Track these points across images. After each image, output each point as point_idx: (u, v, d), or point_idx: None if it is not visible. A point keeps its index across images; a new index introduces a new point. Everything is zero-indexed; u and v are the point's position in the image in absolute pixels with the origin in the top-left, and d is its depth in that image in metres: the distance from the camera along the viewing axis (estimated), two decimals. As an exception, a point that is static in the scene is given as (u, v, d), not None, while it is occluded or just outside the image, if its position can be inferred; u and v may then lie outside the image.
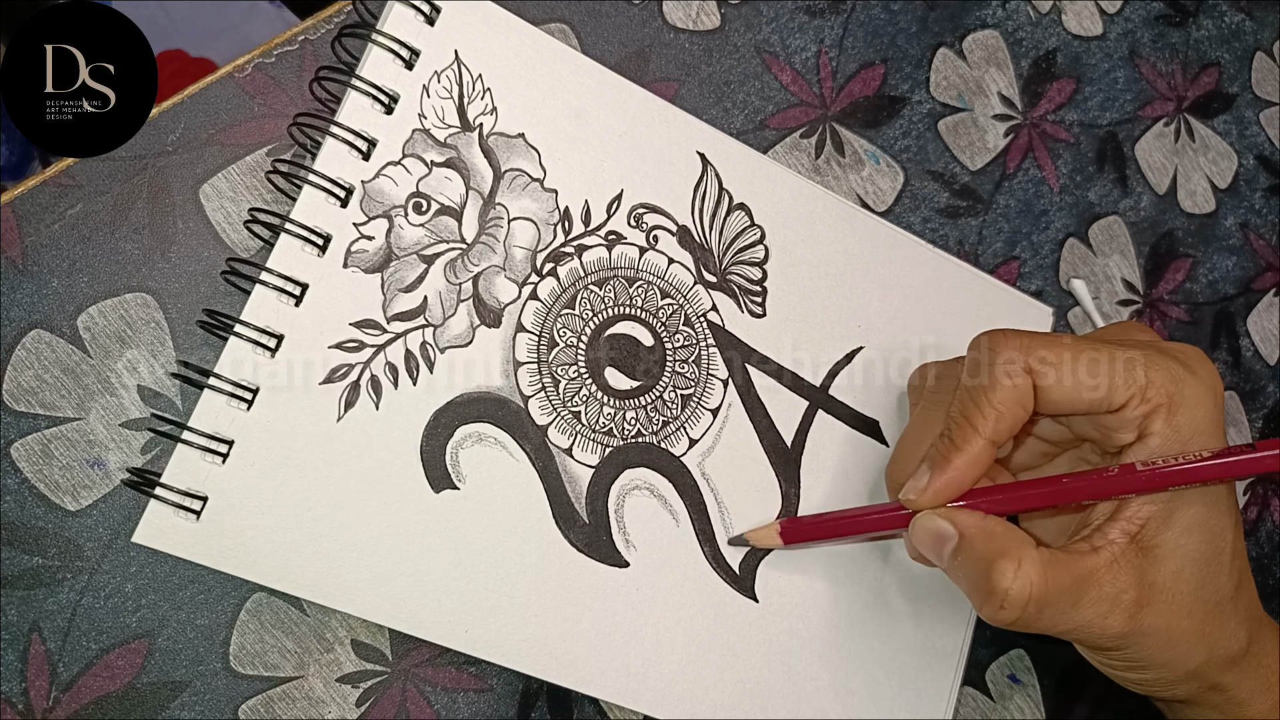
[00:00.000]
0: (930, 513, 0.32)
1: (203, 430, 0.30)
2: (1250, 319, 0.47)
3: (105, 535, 0.31)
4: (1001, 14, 0.44)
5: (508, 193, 0.34)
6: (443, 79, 0.33)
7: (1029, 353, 0.31)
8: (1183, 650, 0.32)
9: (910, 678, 0.38)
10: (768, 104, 0.40)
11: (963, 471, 0.31)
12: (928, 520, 0.32)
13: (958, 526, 0.31)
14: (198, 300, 0.32)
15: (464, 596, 0.32)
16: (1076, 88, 0.45)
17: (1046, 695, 0.42)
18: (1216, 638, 0.32)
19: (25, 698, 0.30)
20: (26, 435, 0.31)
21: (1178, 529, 0.31)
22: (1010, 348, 0.31)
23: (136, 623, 0.31)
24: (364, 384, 0.32)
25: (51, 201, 0.32)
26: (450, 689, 0.34)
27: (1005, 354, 0.31)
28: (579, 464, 0.34)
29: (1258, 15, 0.49)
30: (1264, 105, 0.49)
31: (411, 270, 0.33)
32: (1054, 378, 0.31)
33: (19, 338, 0.31)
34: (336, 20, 0.34)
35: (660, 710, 0.35)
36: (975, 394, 0.31)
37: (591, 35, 0.37)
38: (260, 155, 0.33)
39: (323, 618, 0.33)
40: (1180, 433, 0.31)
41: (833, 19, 0.41)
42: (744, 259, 0.38)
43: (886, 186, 0.41)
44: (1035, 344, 0.31)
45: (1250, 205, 0.48)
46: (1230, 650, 0.32)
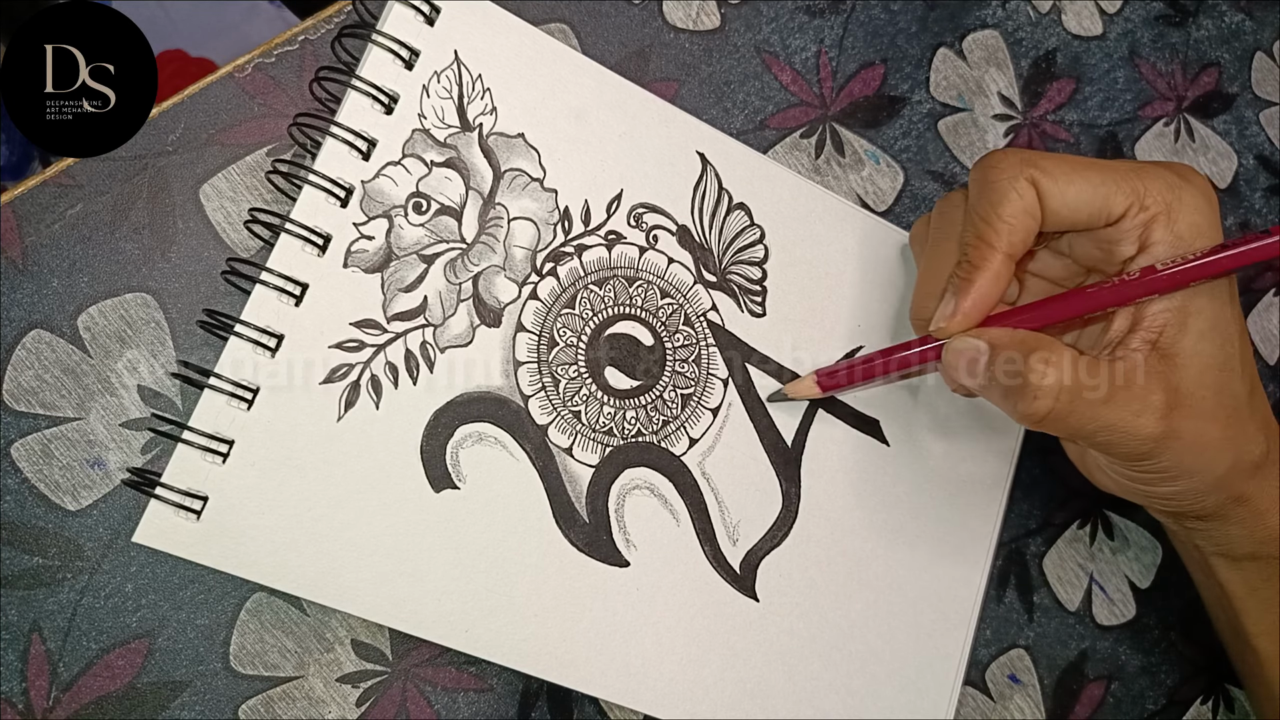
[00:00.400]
0: (961, 335, 0.32)
1: (203, 430, 0.30)
2: (1250, 319, 0.47)
3: (105, 535, 0.31)
4: (1001, 14, 0.44)
5: (507, 192, 0.34)
6: (442, 79, 0.33)
7: (1030, 164, 0.31)
8: (1212, 455, 0.32)
9: (910, 678, 0.38)
10: (768, 104, 0.40)
11: (986, 289, 0.32)
12: (959, 343, 0.32)
13: (989, 340, 0.32)
14: (198, 300, 0.32)
15: (464, 596, 0.32)
16: (1076, 88, 0.45)
17: (1046, 695, 0.42)
18: (1240, 442, 0.32)
19: (25, 698, 0.30)
20: (27, 435, 0.31)
21: (1193, 335, 0.31)
22: (1011, 162, 0.32)
23: (137, 623, 0.31)
24: (364, 384, 0.32)
25: (51, 201, 0.32)
26: (450, 689, 0.34)
27: (1007, 170, 0.32)
28: (579, 463, 0.34)
29: (1258, 15, 0.49)
30: (1264, 105, 0.49)
31: (411, 270, 0.33)
32: (1056, 186, 0.31)
33: (19, 338, 0.31)
34: (336, 20, 0.34)
35: (660, 710, 0.35)
36: (985, 212, 0.32)
37: (591, 35, 0.37)
38: (260, 155, 0.33)
39: (323, 617, 0.33)
40: (1183, 239, 0.31)
41: (833, 19, 0.41)
42: (744, 259, 0.38)
43: (886, 186, 0.41)
44: (1034, 156, 0.32)
45: (1250, 205, 0.48)
46: (1253, 455, 0.33)
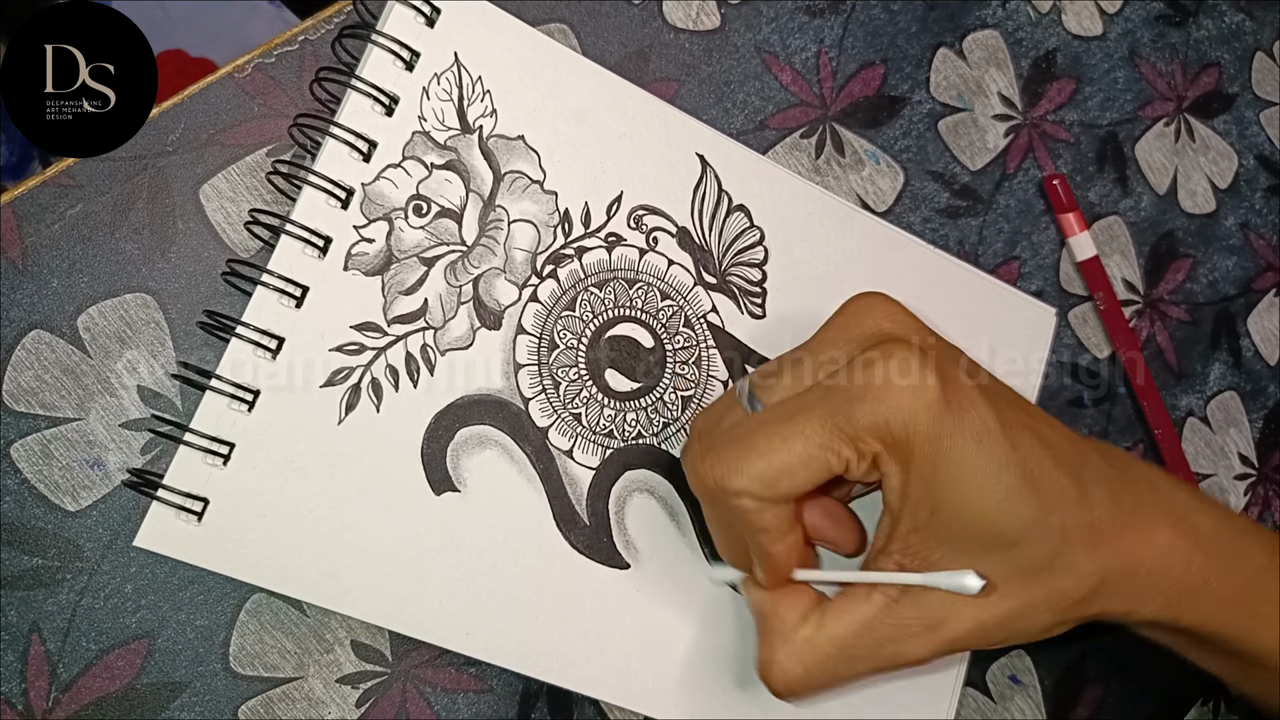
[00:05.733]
0: (748, 583, 0.33)
1: (204, 432, 0.30)
2: (1250, 319, 0.47)
3: (105, 536, 0.31)
4: (1001, 14, 0.44)
5: (508, 195, 0.34)
6: (442, 81, 0.33)
7: (732, 474, 0.29)
8: (1028, 623, 0.31)
9: (911, 678, 0.38)
10: (768, 104, 0.40)
11: (781, 575, 0.31)
12: (745, 591, 0.33)
13: (749, 605, 0.33)
14: (198, 301, 0.32)
15: (465, 598, 0.32)
16: (1076, 88, 0.45)
17: (1047, 696, 0.42)
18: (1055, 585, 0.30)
19: (25, 698, 0.30)
20: (26, 436, 0.31)
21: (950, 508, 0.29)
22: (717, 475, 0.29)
23: (136, 623, 0.31)
24: (365, 387, 0.32)
25: (51, 201, 0.31)
26: (450, 690, 0.34)
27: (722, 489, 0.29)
28: (580, 466, 0.34)
29: (1258, 15, 0.49)
30: (1264, 105, 0.49)
31: (412, 273, 0.33)
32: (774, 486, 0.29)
33: (19, 338, 0.31)
34: (336, 21, 0.34)
35: (660, 711, 0.35)
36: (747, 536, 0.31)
37: (591, 35, 0.37)
38: (260, 156, 0.33)
39: (322, 618, 0.33)
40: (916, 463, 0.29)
41: (833, 19, 0.41)
42: (743, 260, 0.37)
43: (886, 186, 0.41)
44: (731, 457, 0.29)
45: (1250, 205, 0.48)
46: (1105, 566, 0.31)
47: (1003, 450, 0.29)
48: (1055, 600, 0.31)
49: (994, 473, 0.29)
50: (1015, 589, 0.30)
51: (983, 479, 0.29)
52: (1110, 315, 0.44)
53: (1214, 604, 0.32)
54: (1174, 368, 0.46)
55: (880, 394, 0.28)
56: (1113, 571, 0.31)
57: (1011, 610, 0.30)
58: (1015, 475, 0.29)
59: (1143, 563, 0.31)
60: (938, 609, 0.30)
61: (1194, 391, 0.46)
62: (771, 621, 0.31)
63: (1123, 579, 0.31)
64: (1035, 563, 0.30)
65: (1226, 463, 0.46)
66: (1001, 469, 0.29)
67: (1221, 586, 0.32)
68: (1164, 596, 0.32)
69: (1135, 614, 0.32)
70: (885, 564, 0.31)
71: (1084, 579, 0.30)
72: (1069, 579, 0.30)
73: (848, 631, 0.30)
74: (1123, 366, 0.44)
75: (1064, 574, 0.30)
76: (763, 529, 0.30)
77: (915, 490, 0.29)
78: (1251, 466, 0.47)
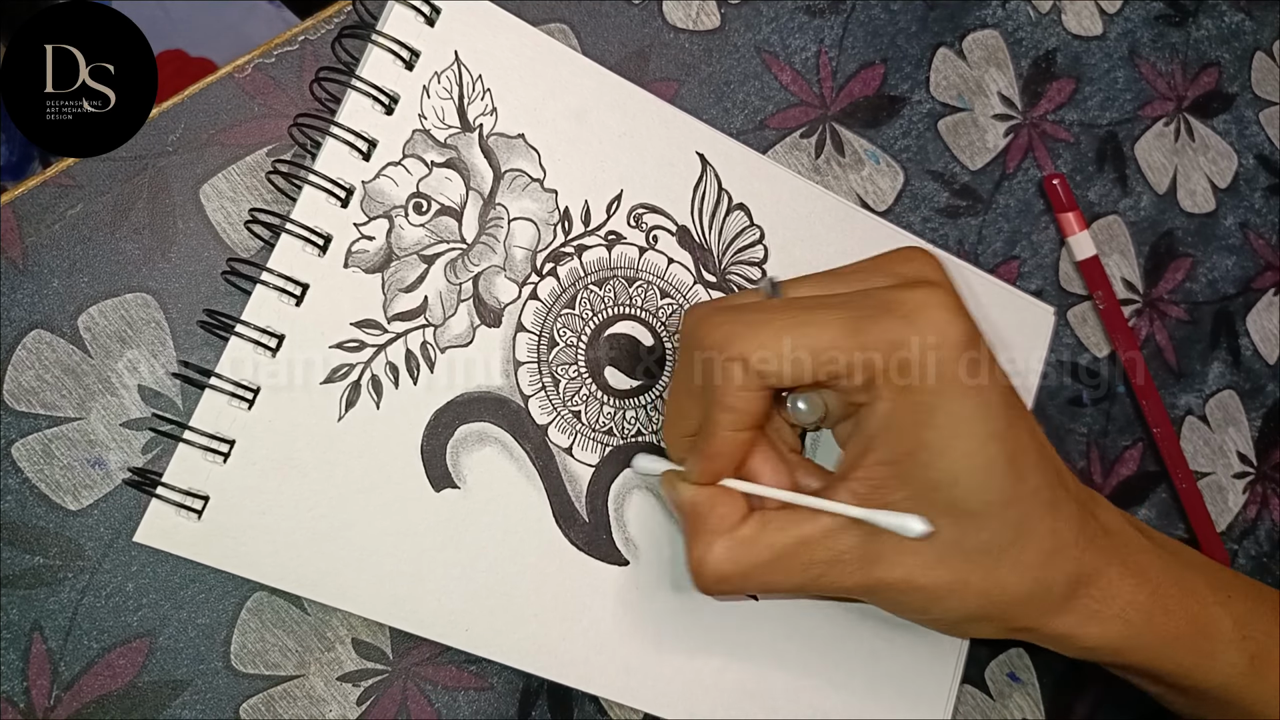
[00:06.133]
0: (671, 479, 0.33)
1: (204, 430, 0.30)
2: (1250, 318, 0.47)
3: (106, 535, 0.31)
4: (1001, 14, 0.44)
5: (508, 193, 0.34)
6: (443, 79, 0.33)
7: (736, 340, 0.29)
8: (955, 601, 0.31)
9: (910, 677, 0.38)
10: (768, 104, 0.40)
11: (720, 465, 0.31)
12: (667, 487, 0.33)
13: (677, 501, 0.32)
14: (198, 300, 0.32)
15: (464, 595, 0.33)
16: (1076, 87, 0.45)
17: (1046, 694, 0.42)
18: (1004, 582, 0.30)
19: (27, 697, 0.30)
20: (27, 435, 0.31)
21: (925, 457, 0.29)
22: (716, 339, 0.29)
23: (138, 622, 0.31)
24: (365, 384, 0.32)
25: (52, 201, 0.32)
26: (451, 687, 0.34)
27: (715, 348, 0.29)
28: (579, 463, 0.35)
29: (1258, 15, 0.49)
30: (1264, 105, 0.49)
31: (412, 270, 0.33)
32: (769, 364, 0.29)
33: (19, 338, 0.31)
34: (336, 20, 0.34)
35: (660, 708, 0.35)
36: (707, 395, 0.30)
37: (591, 35, 0.37)
38: (260, 155, 0.33)
39: (323, 616, 0.33)
40: (913, 395, 0.29)
41: (833, 19, 0.41)
42: (743, 259, 0.38)
43: (886, 186, 0.41)
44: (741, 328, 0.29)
45: (1250, 205, 0.48)
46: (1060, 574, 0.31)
47: (1000, 423, 0.29)
48: (989, 589, 0.30)
49: (984, 438, 0.29)
50: (955, 562, 0.30)
51: (969, 438, 0.29)
52: (1109, 314, 0.44)
53: (1158, 640, 0.33)
54: (1173, 367, 0.46)
55: (912, 313, 0.28)
56: (1057, 584, 0.31)
57: (942, 581, 0.30)
58: (1000, 452, 0.29)
59: (1090, 589, 0.31)
60: (876, 546, 0.30)
61: (1193, 390, 0.46)
62: (709, 519, 0.31)
63: (1065, 598, 0.31)
64: (984, 544, 0.30)
65: (1225, 461, 0.46)
66: (991, 439, 0.29)
67: (1167, 622, 0.32)
68: (1109, 627, 0.32)
69: (1076, 639, 0.32)
70: (843, 491, 0.30)
71: (1024, 579, 0.30)
72: (1011, 574, 0.30)
73: (789, 541, 0.30)
74: (1122, 366, 0.44)
75: (1007, 567, 0.30)
76: (731, 408, 0.29)
77: (902, 420, 0.29)
78: (1250, 465, 0.47)
